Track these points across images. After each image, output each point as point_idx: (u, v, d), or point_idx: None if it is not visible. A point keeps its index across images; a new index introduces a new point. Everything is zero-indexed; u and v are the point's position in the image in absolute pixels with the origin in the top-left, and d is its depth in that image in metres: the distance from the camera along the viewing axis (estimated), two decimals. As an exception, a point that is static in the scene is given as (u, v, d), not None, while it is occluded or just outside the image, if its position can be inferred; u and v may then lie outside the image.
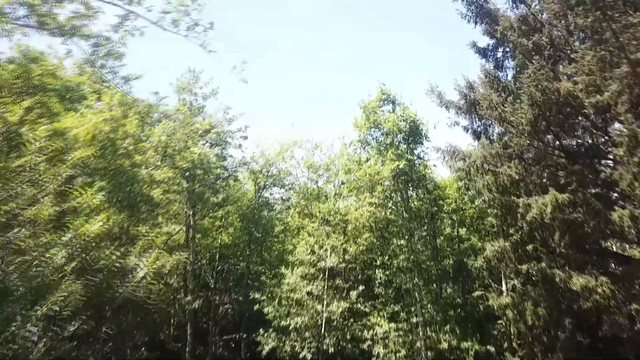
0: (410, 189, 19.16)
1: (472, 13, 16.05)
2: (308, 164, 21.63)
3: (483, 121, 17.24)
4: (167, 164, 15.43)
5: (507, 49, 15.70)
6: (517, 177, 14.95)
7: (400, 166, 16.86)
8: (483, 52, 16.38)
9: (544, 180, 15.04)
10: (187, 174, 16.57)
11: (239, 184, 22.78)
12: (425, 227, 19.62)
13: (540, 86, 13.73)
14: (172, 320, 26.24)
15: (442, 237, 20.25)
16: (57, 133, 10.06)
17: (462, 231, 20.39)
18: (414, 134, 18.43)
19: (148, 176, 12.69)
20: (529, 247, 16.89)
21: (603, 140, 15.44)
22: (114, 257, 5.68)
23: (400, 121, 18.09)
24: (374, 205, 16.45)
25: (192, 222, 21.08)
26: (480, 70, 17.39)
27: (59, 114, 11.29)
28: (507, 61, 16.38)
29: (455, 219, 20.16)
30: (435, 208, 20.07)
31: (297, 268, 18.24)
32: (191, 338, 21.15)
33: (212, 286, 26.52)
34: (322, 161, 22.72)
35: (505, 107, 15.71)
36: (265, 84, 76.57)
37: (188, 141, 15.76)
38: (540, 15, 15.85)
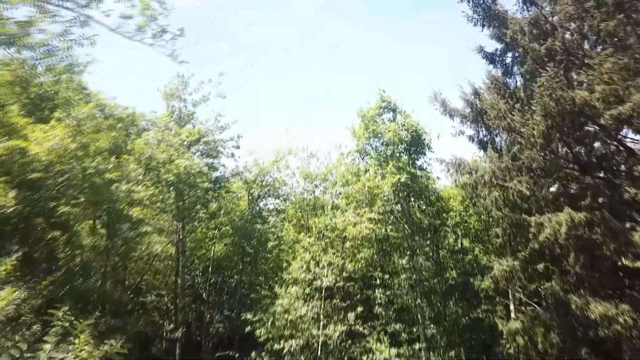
0: (412, 200, 18.04)
1: (478, 15, 14.95)
2: (304, 174, 20.51)
3: (490, 130, 16.11)
4: (150, 177, 14.31)
5: (517, 54, 14.55)
6: (527, 193, 13.84)
7: (402, 180, 15.75)
8: (491, 58, 15.27)
9: (557, 196, 13.96)
10: (171, 189, 15.45)
11: (232, 195, 21.64)
12: (428, 242, 18.50)
13: (554, 95, 12.62)
14: (164, 334, 25.26)
15: (445, 251, 19.11)
16: (14, 151, 8.97)
17: (466, 242, 19.24)
18: (416, 143, 17.31)
19: (127, 195, 11.58)
20: (540, 266, 15.82)
21: (620, 153, 14.36)
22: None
23: (402, 130, 16.97)
24: (374, 221, 15.35)
25: (180, 236, 19.99)
26: (486, 77, 16.29)
27: (23, 128, 10.14)
28: (515, 67, 15.23)
29: (459, 233, 19.05)
30: (439, 221, 18.96)
31: (292, 287, 17.11)
32: (180, 357, 20.05)
33: (206, 298, 25.53)
34: (318, 170, 21.62)
35: (514, 116, 14.62)
36: (268, 84, 75.49)
37: (173, 153, 14.64)
38: (551, 17, 14.74)
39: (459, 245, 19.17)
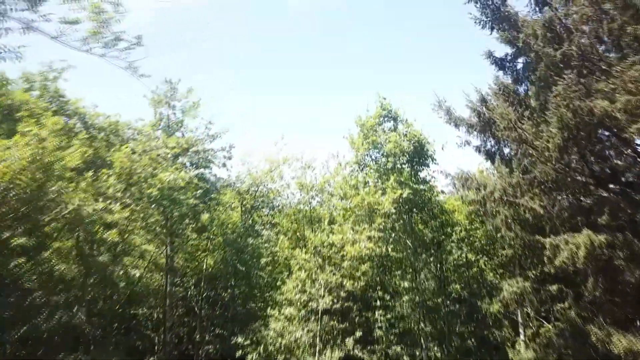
0: (414, 213, 16.88)
1: (487, 17, 13.83)
2: (300, 185, 19.36)
3: (499, 141, 14.97)
4: (131, 194, 13.18)
5: (529, 60, 13.40)
6: (541, 211, 12.70)
7: (404, 195, 14.61)
8: (500, 63, 14.14)
9: (573, 213, 12.83)
10: (153, 206, 14.29)
11: (224, 207, 20.46)
12: (431, 258, 17.36)
13: (571, 105, 11.49)
14: (155, 348, 24.20)
15: (449, 266, 17.95)
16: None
17: (471, 256, 18.04)
18: (419, 154, 16.17)
19: (101, 216, 10.44)
20: (553, 288, 14.68)
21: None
22: None
23: (403, 141, 15.82)
24: (373, 240, 14.21)
25: (169, 251, 18.86)
26: (494, 83, 15.16)
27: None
28: (526, 73, 14.08)
29: (464, 248, 17.89)
30: (443, 236, 17.83)
31: (286, 309, 15.95)
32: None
33: (198, 312, 24.44)
34: (315, 180, 20.47)
35: (524, 125, 13.49)
36: (265, 83, 74.25)
37: (157, 166, 13.49)
38: (565, 19, 13.60)
39: (464, 259, 18.00)
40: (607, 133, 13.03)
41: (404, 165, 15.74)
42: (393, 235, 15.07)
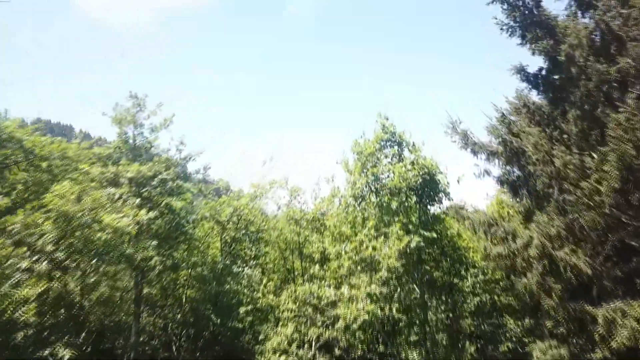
0: (424, 256, 14.10)
1: (516, 23, 11.05)
2: (288, 217, 16.64)
3: (528, 174, 12.19)
4: (66, 245, 10.43)
5: (571, 76, 10.59)
6: (589, 271, 9.93)
7: (413, 245, 11.85)
8: (534, 81, 11.35)
9: (630, 273, 10.10)
10: (99, 252, 11.49)
11: (199, 242, 17.66)
12: (442, 307, 14.60)
13: (634, 138, 8.75)
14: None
15: (465, 317, 15.14)
16: None
17: (490, 306, 15.25)
18: (429, 186, 13.36)
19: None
20: (598, 356, 11.90)
21: None
22: None
23: (410, 171, 13.01)
24: (375, 299, 11.47)
25: (138, 293, 16.15)
26: (521, 102, 12.39)
27: None
28: (565, 93, 11.27)
29: (483, 296, 15.03)
30: (456, 279, 15.08)
31: (268, 376, 13.24)
32: None
33: (176, 350, 21.76)
34: (306, 207, 17.73)
35: (563, 157, 10.73)
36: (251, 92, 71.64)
37: (99, 211, 10.69)
38: (615, 24, 10.82)
39: (482, 309, 15.19)
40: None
41: (411, 208, 12.87)
42: (399, 290, 12.31)
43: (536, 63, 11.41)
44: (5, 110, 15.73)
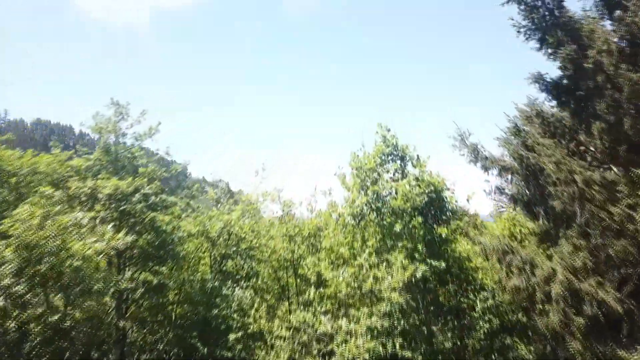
0: (429, 280, 12.86)
1: (534, 25, 9.84)
2: (282, 232, 15.44)
3: (546, 193, 10.96)
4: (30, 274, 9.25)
5: (597, 84, 9.37)
6: (618, 307, 8.72)
7: (418, 275, 10.66)
8: (555, 91, 10.12)
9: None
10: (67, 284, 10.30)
11: (186, 260, 16.48)
12: (449, 334, 13.36)
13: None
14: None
15: (474, 343, 13.89)
16: None
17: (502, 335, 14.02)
18: (435, 204, 12.16)
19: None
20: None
21: None
22: None
23: (414, 188, 11.80)
24: (375, 334, 10.29)
25: (120, 314, 14.97)
26: (533, 113, 11.19)
27: None
28: (590, 103, 10.05)
29: (493, 321, 13.87)
30: (464, 303, 13.84)
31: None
32: None
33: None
34: (301, 221, 16.53)
35: (579, 170, 9.56)
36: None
37: (66, 237, 9.53)
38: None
39: (492, 338, 13.97)
40: None
41: (415, 222, 11.64)
42: (402, 322, 11.08)
43: (548, 68, 10.23)
44: (5, 110, 14.45)
